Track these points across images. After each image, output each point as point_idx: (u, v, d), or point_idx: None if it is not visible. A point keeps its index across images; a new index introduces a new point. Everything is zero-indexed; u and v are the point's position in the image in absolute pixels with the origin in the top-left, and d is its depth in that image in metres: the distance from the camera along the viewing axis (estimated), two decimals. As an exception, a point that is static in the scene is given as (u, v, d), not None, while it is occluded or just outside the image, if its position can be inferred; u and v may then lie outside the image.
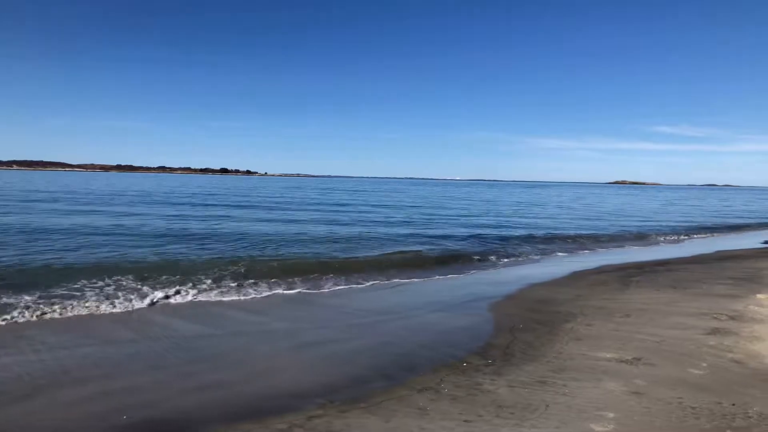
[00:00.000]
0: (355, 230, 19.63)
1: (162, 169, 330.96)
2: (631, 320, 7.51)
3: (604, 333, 6.86)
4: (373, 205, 37.19)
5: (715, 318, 7.45)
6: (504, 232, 20.31)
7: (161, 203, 32.84)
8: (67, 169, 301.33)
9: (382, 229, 20.27)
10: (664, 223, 27.34)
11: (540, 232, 20.51)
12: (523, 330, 7.12)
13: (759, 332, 6.66)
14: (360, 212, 29.92)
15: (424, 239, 17.52)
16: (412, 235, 18.68)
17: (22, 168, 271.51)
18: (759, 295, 8.94)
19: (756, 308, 7.99)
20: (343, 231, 19.19)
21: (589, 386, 4.91)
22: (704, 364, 5.49)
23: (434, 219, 26.42)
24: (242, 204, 34.51)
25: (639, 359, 5.70)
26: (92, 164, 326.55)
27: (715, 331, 6.75)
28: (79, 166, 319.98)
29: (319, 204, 37.40)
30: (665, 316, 7.71)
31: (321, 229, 19.58)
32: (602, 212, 35.47)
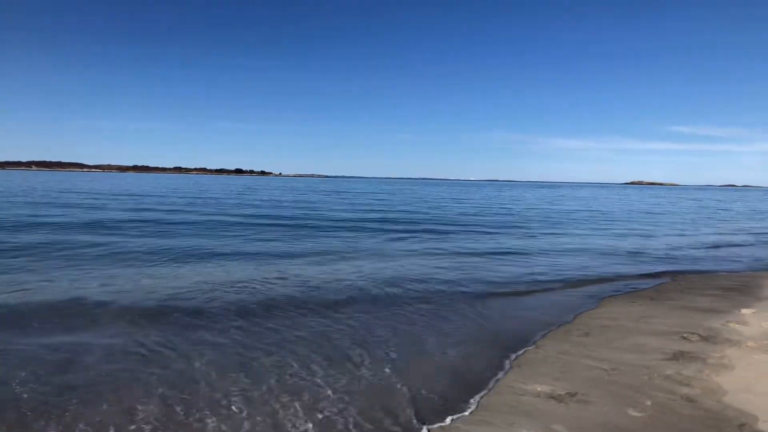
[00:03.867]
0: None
1: (178, 169, 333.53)
2: (588, 340, 6.56)
3: (549, 357, 5.93)
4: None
5: (685, 338, 6.47)
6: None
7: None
8: (84, 170, 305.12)
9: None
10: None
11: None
12: (460, 352, 6.22)
13: (729, 358, 5.67)
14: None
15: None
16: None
17: (41, 169, 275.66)
18: (744, 310, 7.90)
19: (736, 326, 6.98)
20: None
21: (495, 433, 4.01)
22: (649, 403, 4.54)
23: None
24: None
25: (573, 394, 4.77)
26: (108, 165, 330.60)
27: (678, 356, 5.78)
28: (95, 166, 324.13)
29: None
30: (628, 335, 6.74)
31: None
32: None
